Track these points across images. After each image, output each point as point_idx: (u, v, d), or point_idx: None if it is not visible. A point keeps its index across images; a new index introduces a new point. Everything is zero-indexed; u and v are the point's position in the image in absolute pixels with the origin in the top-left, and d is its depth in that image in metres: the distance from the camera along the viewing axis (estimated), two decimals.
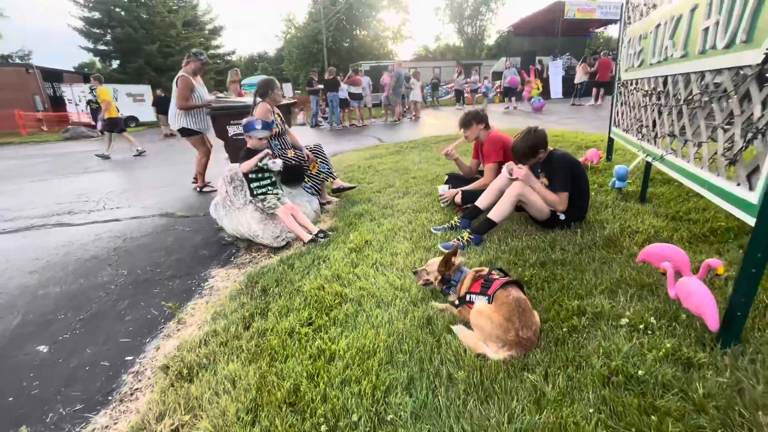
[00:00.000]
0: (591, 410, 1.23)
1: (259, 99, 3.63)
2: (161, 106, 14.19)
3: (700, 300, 1.41)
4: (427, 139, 7.89)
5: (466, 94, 16.97)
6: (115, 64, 27.20)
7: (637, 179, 3.25)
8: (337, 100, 12.47)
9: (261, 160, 3.00)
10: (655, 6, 2.62)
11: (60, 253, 3.49)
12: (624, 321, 1.59)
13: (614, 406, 1.24)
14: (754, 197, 1.32)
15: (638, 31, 2.89)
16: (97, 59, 29.29)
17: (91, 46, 26.39)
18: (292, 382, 1.58)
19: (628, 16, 3.29)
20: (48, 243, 3.76)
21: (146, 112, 22.18)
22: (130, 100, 21.85)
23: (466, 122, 3.24)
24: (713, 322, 1.37)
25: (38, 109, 20.63)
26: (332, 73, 12.42)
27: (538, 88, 14.70)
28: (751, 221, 1.32)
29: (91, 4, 25.25)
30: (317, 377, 1.59)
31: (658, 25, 2.43)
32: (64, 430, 1.62)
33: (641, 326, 1.55)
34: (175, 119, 4.91)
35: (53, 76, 23.23)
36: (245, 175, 3.10)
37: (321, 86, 13.04)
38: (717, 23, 1.65)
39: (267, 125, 3.07)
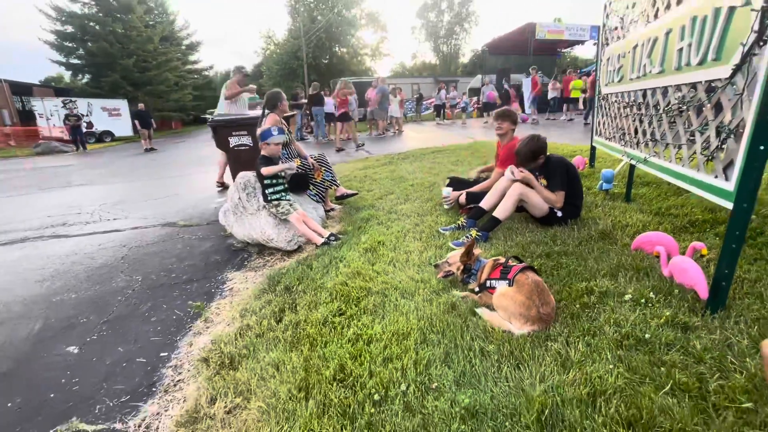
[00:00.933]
0: (611, 366, 1.44)
1: (267, 111, 3.78)
2: (143, 119, 13.98)
3: (692, 274, 1.66)
4: (416, 151, 8.19)
5: (446, 109, 17.59)
6: (87, 77, 26.53)
7: (619, 182, 3.59)
8: (322, 114, 12.69)
9: (284, 171, 3.18)
10: (629, 30, 2.99)
11: (66, 262, 3.47)
12: (627, 297, 1.83)
13: (629, 362, 1.46)
14: (730, 186, 1.59)
15: (617, 51, 3.26)
16: (68, 73, 28.46)
17: (62, 59, 25.67)
18: (337, 363, 1.72)
19: (606, 38, 3.69)
20: (49, 253, 3.72)
21: (122, 127, 21.75)
22: (106, 114, 21.37)
23: (505, 115, 3.35)
24: (704, 291, 1.62)
25: (6, 124, 19.84)
26: (316, 89, 12.68)
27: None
28: (729, 206, 1.59)
29: (63, 18, 24.70)
30: (360, 357, 1.74)
31: (636, 46, 2.78)
32: (116, 419, 1.69)
33: (642, 300, 1.79)
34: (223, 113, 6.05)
35: (22, 89, 22.48)
36: (260, 179, 3.23)
37: (305, 101, 13.26)
38: (690, 45, 1.97)
39: (281, 131, 3.23)
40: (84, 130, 19.51)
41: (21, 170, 10.90)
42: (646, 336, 1.56)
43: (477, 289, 2.07)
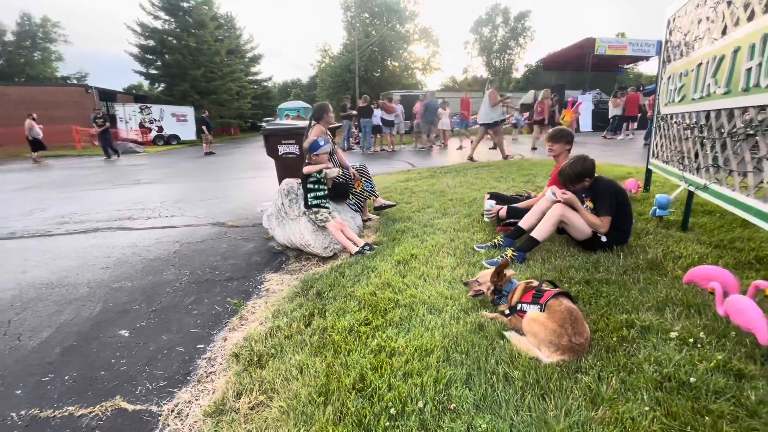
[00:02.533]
0: (647, 408, 1.33)
1: (314, 122, 3.96)
2: (208, 125, 15.16)
3: (750, 316, 1.49)
4: (459, 165, 8.11)
5: None
6: (162, 86, 29.31)
7: (677, 209, 3.32)
8: (369, 126, 13.00)
9: (321, 171, 3.31)
10: (694, 47, 2.79)
11: (127, 253, 3.83)
12: (673, 334, 1.68)
13: (669, 406, 1.34)
14: None
15: (679, 69, 3.05)
16: (146, 82, 31.61)
17: (143, 70, 28.62)
18: (358, 372, 1.73)
19: (668, 55, 3.46)
20: (114, 244, 4.12)
21: (188, 131, 23.63)
22: (174, 120, 23.37)
23: (558, 137, 3.26)
24: (763, 336, 1.45)
25: (93, 126, 22.28)
26: (366, 101, 13.02)
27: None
28: None
29: (147, 33, 27.59)
30: (381, 369, 1.74)
31: (700, 64, 2.59)
32: (153, 402, 1.83)
33: (690, 340, 1.64)
34: (488, 116, 8.55)
35: (108, 96, 25.26)
36: (303, 184, 3.38)
37: (354, 112, 13.63)
38: (760, 64, 1.81)
39: (327, 141, 3.37)
40: (155, 133, 21.45)
41: (101, 167, 12.19)
42: (691, 380, 1.42)
43: (507, 311, 2.00)
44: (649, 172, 4.09)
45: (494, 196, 3.67)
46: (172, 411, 1.77)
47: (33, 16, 39.31)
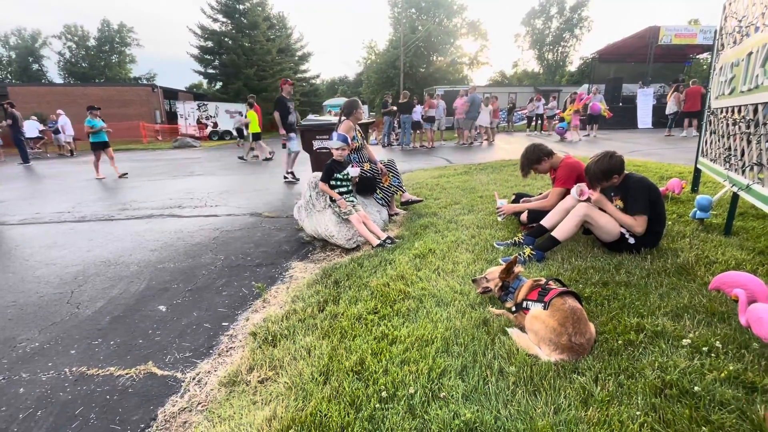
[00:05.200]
0: (638, 413, 1.28)
1: (343, 117, 4.09)
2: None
3: None
4: (497, 162, 7.92)
5: (542, 121, 16.61)
6: (219, 84, 31.22)
7: (724, 211, 3.04)
8: (409, 122, 13.01)
9: (345, 171, 3.44)
10: (748, 34, 2.54)
11: (173, 237, 4.20)
12: (686, 342, 1.59)
13: (664, 413, 1.28)
14: None
15: (730, 58, 2.79)
16: (205, 81, 33.82)
17: (202, 69, 30.68)
18: (359, 356, 1.82)
19: (721, 43, 3.17)
20: (164, 229, 4.53)
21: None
22: (228, 116, 24.82)
23: (525, 166, 3.27)
24: None
25: (157, 122, 24.32)
26: (406, 97, 13.03)
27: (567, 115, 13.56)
28: None
29: (206, 35, 29.51)
30: (380, 355, 1.81)
31: (750, 53, 2.36)
32: (179, 369, 2.04)
33: (704, 348, 1.54)
34: None
35: (171, 94, 27.38)
36: (327, 181, 3.52)
37: (394, 108, 13.68)
38: None
39: (343, 138, 3.48)
40: (210, 129, 22.88)
41: (162, 160, 13.30)
42: (695, 388, 1.35)
43: (513, 308, 1.99)
44: (697, 171, 3.76)
45: (518, 197, 3.60)
46: (194, 378, 1.96)
47: (111, 22, 43.48)
